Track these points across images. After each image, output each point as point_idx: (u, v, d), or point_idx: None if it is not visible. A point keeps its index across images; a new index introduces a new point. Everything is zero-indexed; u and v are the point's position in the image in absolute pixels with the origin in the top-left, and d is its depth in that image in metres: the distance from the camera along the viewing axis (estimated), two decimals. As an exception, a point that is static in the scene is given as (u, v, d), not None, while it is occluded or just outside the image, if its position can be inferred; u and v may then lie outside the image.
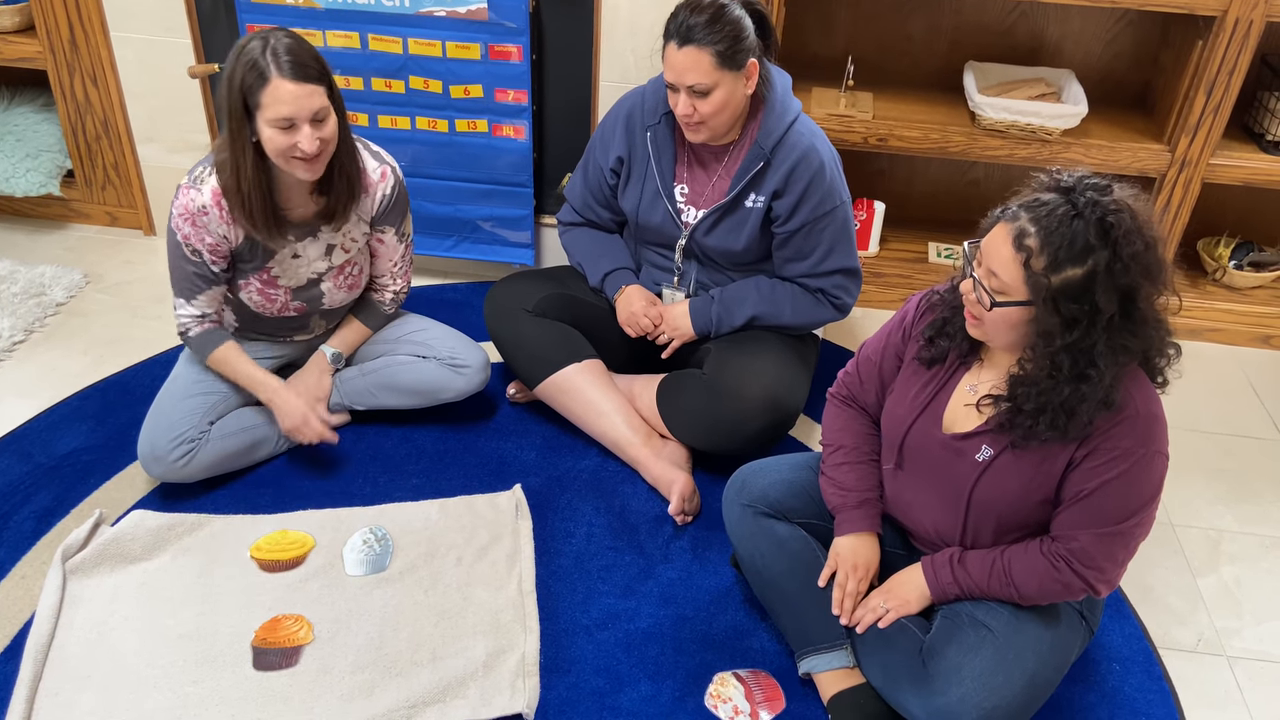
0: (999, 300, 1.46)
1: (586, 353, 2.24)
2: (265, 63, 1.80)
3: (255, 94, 1.81)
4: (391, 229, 2.16)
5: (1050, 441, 1.52)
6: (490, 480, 2.18)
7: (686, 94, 1.98)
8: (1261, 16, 2.35)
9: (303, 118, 1.83)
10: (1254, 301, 2.79)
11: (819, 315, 2.20)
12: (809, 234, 2.11)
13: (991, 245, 1.47)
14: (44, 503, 2.06)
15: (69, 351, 2.51)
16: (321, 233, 2.06)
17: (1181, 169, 2.57)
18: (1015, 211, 1.46)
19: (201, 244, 1.97)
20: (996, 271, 1.45)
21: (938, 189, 2.98)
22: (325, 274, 2.11)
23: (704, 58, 1.93)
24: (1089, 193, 1.42)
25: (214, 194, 1.94)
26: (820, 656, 1.75)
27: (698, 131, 2.04)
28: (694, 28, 1.92)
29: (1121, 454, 1.50)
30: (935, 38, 2.77)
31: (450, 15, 2.46)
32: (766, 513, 1.79)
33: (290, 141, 1.84)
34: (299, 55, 1.83)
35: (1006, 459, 1.57)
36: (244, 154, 1.87)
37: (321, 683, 1.74)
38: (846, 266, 2.16)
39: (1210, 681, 1.89)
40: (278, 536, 2.00)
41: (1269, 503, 2.29)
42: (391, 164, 2.11)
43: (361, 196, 2.06)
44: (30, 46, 2.74)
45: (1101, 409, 1.48)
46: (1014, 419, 1.53)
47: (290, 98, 1.81)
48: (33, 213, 3.00)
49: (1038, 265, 1.41)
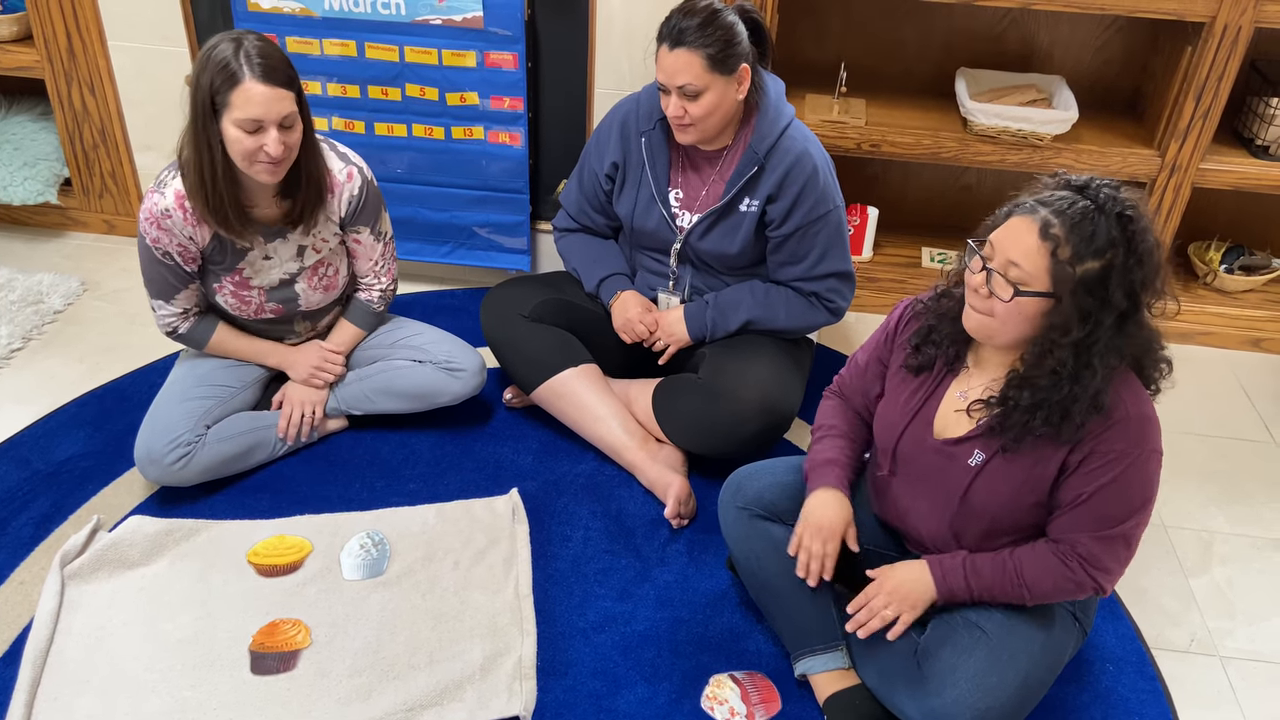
0: (1022, 289, 1.46)
1: (582, 357, 2.26)
2: (238, 64, 1.80)
3: (224, 94, 1.81)
4: (366, 229, 2.16)
5: (1044, 441, 1.53)
6: (487, 485, 2.19)
7: (677, 95, 1.99)
8: (1250, 22, 2.37)
9: (271, 120, 1.83)
10: (1245, 305, 2.81)
11: (813, 319, 2.21)
12: (803, 238, 2.12)
13: (1011, 237, 1.47)
14: (42, 509, 2.07)
15: (66, 359, 2.51)
16: (291, 234, 2.06)
17: (1172, 174, 2.60)
18: (1032, 205, 1.47)
19: (171, 246, 1.98)
20: (1018, 261, 1.45)
21: (930, 194, 3.00)
22: (298, 275, 2.11)
23: (695, 60, 1.95)
24: (1104, 190, 1.45)
25: (177, 196, 1.94)
26: (816, 658, 1.75)
27: (687, 133, 2.06)
28: (686, 30, 1.94)
29: (1117, 456, 1.51)
30: (927, 44, 2.79)
31: (446, 23, 2.47)
32: (762, 515, 1.80)
33: (256, 145, 1.84)
34: (271, 59, 1.83)
35: (999, 463, 1.58)
36: (209, 151, 1.86)
37: (319, 686, 1.75)
38: (840, 270, 2.18)
39: (1203, 682, 1.90)
40: (275, 541, 2.01)
41: (1261, 504, 2.31)
42: (359, 164, 2.11)
43: (328, 198, 2.06)
44: (28, 55, 2.75)
45: (1092, 412, 1.49)
46: (1007, 420, 1.54)
47: (261, 100, 1.81)
48: (30, 221, 3.01)
49: (1064, 255, 1.42)
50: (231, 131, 1.83)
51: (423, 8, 2.46)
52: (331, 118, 2.63)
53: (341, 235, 2.15)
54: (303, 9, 2.49)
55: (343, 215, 2.11)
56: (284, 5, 2.49)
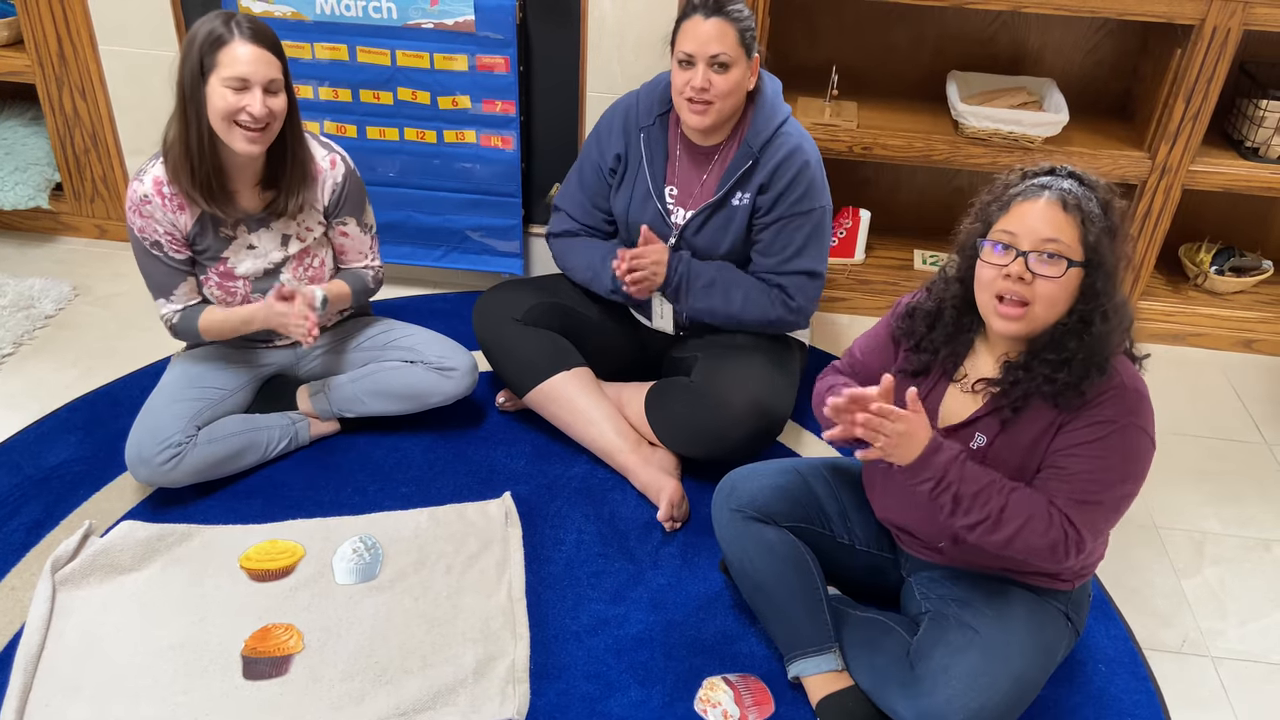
0: (1073, 261, 1.49)
1: (575, 361, 2.26)
2: (227, 29, 1.85)
3: (212, 55, 1.85)
4: (353, 220, 2.17)
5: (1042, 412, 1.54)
6: (480, 488, 2.19)
7: (705, 67, 1.99)
8: (1239, 25, 2.38)
9: (257, 80, 1.86)
10: (1236, 306, 2.82)
11: (768, 312, 2.17)
12: (782, 229, 2.12)
13: (1035, 217, 1.50)
14: (33, 514, 2.06)
15: (58, 363, 2.51)
16: (275, 223, 2.08)
17: (1162, 175, 2.60)
18: (1032, 187, 1.52)
19: (158, 234, 2.00)
20: (1056, 235, 1.48)
21: (922, 197, 3.01)
22: (283, 264, 2.12)
23: (730, 31, 1.97)
24: (1062, 168, 1.55)
25: (155, 182, 1.97)
26: (809, 660, 1.76)
27: (706, 113, 2.03)
28: (720, 4, 1.98)
29: (1104, 421, 1.52)
30: (918, 47, 2.80)
31: (438, 27, 2.47)
32: (755, 517, 1.80)
33: (240, 103, 1.86)
34: (259, 26, 1.89)
35: (1002, 441, 1.59)
36: (196, 123, 1.89)
37: (312, 691, 1.75)
38: (811, 269, 2.15)
39: (1195, 682, 1.91)
40: (267, 546, 2.01)
41: (1252, 505, 2.31)
42: (341, 153, 2.13)
43: (311, 184, 2.08)
44: (19, 60, 2.75)
45: (1097, 374, 1.51)
46: (1014, 386, 1.55)
47: (248, 58, 1.85)
48: (21, 226, 3.00)
49: (1088, 224, 1.49)
50: (217, 91, 1.86)
51: (414, 12, 2.46)
52: (323, 122, 2.63)
53: (326, 225, 2.15)
54: (294, 13, 2.49)
55: (326, 204, 2.11)
56: (275, 9, 2.49)
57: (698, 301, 2.18)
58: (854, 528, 1.84)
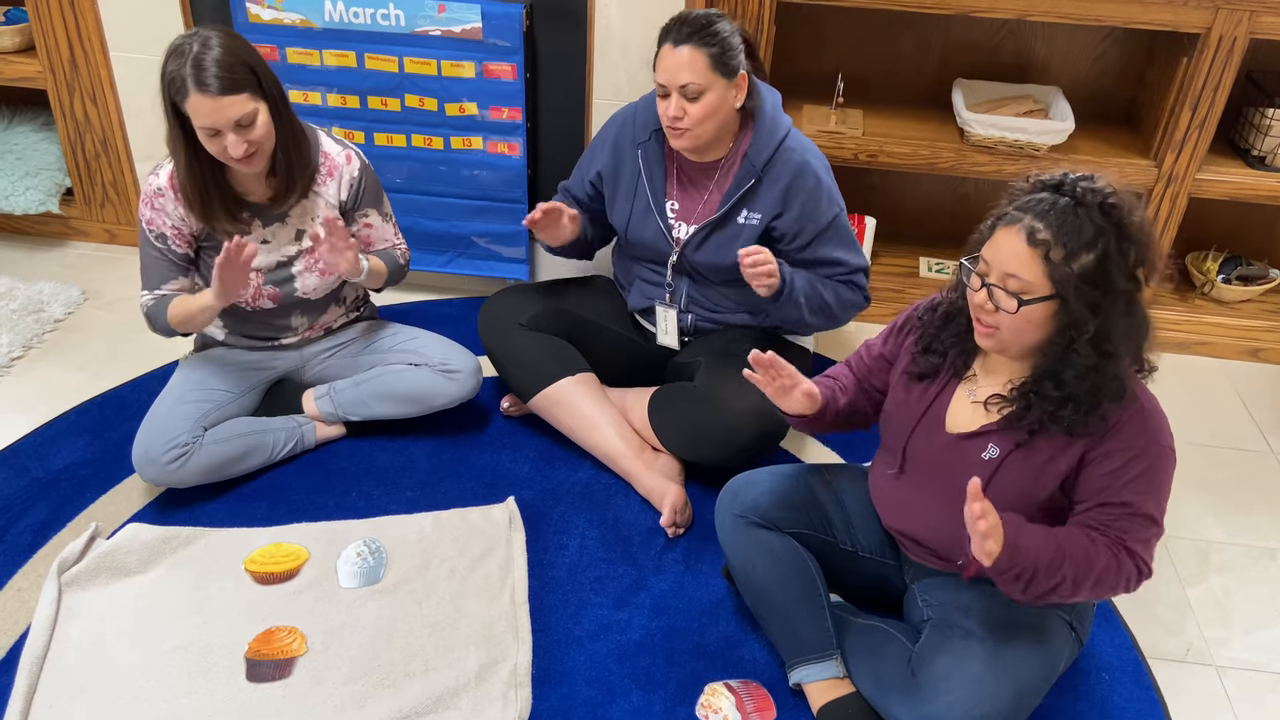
0: (1025, 299, 1.46)
1: (579, 366, 2.26)
2: (185, 75, 1.84)
3: (181, 103, 1.86)
4: (374, 210, 2.19)
5: (1070, 430, 1.52)
6: (484, 493, 2.19)
7: (677, 95, 2.00)
8: (1245, 34, 2.38)
9: (224, 126, 1.86)
10: (1242, 315, 2.82)
11: (855, 299, 2.21)
12: (820, 245, 2.14)
13: (1002, 249, 1.47)
14: (40, 516, 2.08)
15: (66, 367, 2.52)
16: (290, 218, 2.09)
17: (1168, 184, 2.60)
18: (1014, 214, 1.47)
19: (164, 227, 2.02)
20: (1016, 272, 1.45)
21: (928, 204, 3.01)
22: (296, 257, 2.13)
23: (699, 58, 1.96)
24: (1080, 184, 1.45)
25: (169, 177, 2.00)
26: (810, 667, 1.75)
27: (682, 138, 2.05)
28: (692, 31, 1.97)
29: (1139, 452, 1.51)
30: (924, 55, 2.80)
31: (445, 34, 2.49)
32: (758, 523, 1.80)
33: (218, 146, 1.89)
34: (211, 67, 1.83)
35: (1015, 458, 1.57)
36: (186, 149, 1.92)
37: (314, 694, 1.75)
38: (864, 265, 2.20)
39: (1199, 691, 1.90)
40: (272, 549, 2.02)
41: (1257, 514, 2.31)
42: (355, 149, 2.16)
43: (326, 179, 2.10)
44: (30, 66, 2.77)
45: (1115, 399, 1.49)
46: (1027, 412, 1.54)
47: (208, 110, 1.84)
48: (32, 230, 3.02)
49: (1057, 256, 1.43)
50: (199, 133, 1.89)
51: (422, 19, 2.47)
52: (332, 128, 2.64)
53: (349, 220, 2.17)
54: (303, 20, 2.51)
55: (344, 199, 2.13)
56: (284, 16, 2.50)
57: (805, 299, 2.15)
58: (857, 534, 1.84)
